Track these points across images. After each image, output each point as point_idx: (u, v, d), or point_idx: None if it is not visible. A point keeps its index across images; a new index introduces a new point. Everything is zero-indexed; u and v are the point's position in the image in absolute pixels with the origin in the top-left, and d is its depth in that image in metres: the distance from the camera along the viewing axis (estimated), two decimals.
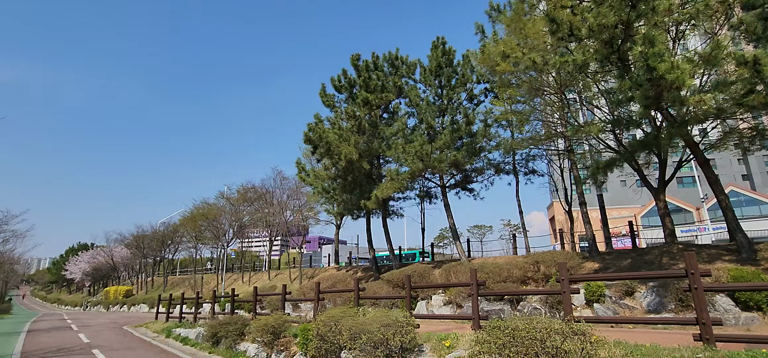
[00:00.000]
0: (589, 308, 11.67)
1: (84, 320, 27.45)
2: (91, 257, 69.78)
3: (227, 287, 35.25)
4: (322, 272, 27.35)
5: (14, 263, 50.92)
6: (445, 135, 17.07)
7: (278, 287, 26.49)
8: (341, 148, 17.72)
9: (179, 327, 17.69)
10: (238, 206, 39.75)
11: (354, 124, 18.54)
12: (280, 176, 35.62)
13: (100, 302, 54.40)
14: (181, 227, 47.95)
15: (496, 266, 14.86)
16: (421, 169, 17.58)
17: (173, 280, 48.62)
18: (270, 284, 29.27)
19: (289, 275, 28.10)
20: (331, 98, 21.36)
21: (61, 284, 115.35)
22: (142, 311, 39.84)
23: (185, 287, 41.94)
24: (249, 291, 28.96)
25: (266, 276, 32.73)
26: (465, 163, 17.82)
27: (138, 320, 26.36)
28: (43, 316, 35.63)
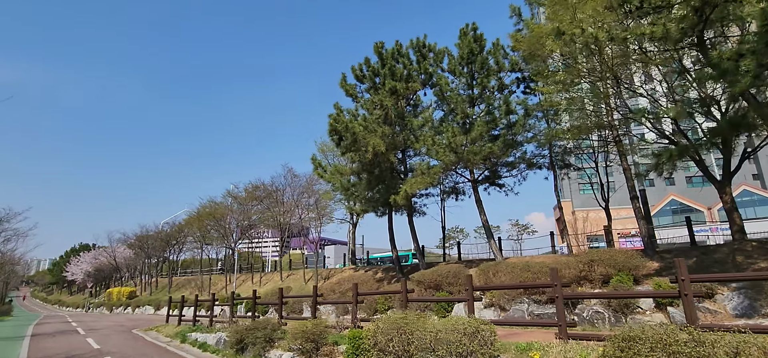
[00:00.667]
0: (661, 312, 10.47)
1: (89, 322, 26.24)
2: (92, 257, 68.55)
3: (237, 288, 34.04)
4: (337, 272, 26.14)
5: (15, 264, 49.59)
6: (479, 125, 15.88)
7: (293, 288, 25.27)
8: (368, 139, 16.53)
9: (194, 331, 16.49)
10: (246, 205, 38.58)
11: (380, 115, 17.34)
12: (290, 174, 34.46)
13: (103, 303, 53.17)
14: (187, 227, 46.72)
15: (543, 265, 13.66)
16: (454, 162, 16.40)
17: (178, 281, 47.39)
18: (283, 285, 28.03)
19: (303, 275, 26.91)
20: (353, 88, 20.17)
21: (61, 285, 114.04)
22: (147, 312, 38.61)
23: (191, 288, 40.72)
24: (261, 292, 27.75)
25: (278, 277, 31.50)
26: (501, 155, 16.64)
27: (146, 322, 25.15)
28: (45, 318, 34.40)
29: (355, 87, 20.26)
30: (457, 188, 20.16)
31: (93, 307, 55.56)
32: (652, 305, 10.68)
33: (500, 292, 13.69)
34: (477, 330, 6.19)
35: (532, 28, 14.34)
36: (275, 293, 23.21)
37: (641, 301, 10.71)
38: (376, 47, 19.79)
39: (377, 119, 17.48)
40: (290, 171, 34.44)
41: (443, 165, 16.26)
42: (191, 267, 60.21)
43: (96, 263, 66.38)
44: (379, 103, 17.25)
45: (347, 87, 20.06)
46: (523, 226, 72.93)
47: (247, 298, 16.96)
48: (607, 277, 12.07)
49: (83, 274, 70.37)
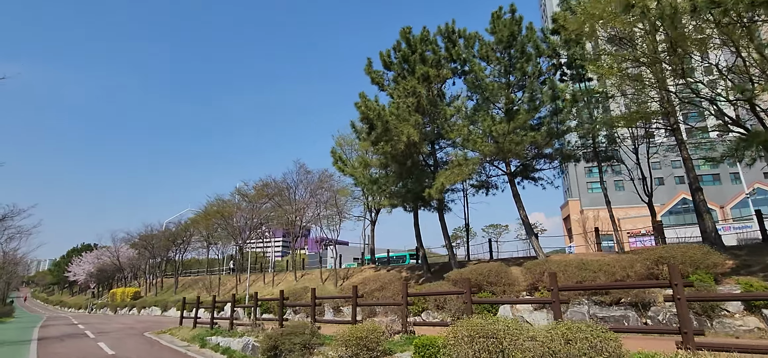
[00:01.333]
0: (754, 315, 9.29)
1: (96, 324, 25.04)
2: (95, 257, 67.32)
3: (246, 288, 32.84)
4: (356, 272, 24.95)
5: (17, 264, 48.39)
6: (523, 113, 14.71)
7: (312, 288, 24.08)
8: (401, 128, 15.37)
9: (214, 335, 15.31)
10: (255, 203, 37.39)
11: (413, 103, 16.16)
12: (303, 170, 33.28)
13: (106, 304, 51.97)
14: (193, 225, 45.51)
15: (601, 264, 12.48)
16: (494, 152, 15.23)
17: (184, 281, 46.18)
18: (299, 285, 26.84)
19: (319, 275, 25.73)
20: (379, 75, 19.01)
21: (62, 285, 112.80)
22: (154, 314, 37.40)
23: (198, 289, 39.52)
24: (275, 293, 26.55)
25: (290, 277, 30.31)
26: (543, 145, 15.48)
27: (156, 324, 23.96)
28: (49, 319, 33.20)
29: (381, 74, 19.10)
30: (488, 181, 18.98)
31: (96, 308, 54.36)
32: (741, 308, 9.52)
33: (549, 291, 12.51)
34: (605, 338, 5.02)
35: (584, 5, 13.15)
36: (297, 292, 22.09)
37: (728, 303, 9.54)
38: (403, 33, 18.65)
39: (408, 108, 16.31)
40: (302, 167, 33.29)
41: (482, 156, 15.08)
42: (194, 267, 58.97)
43: (99, 263, 65.14)
44: (412, 90, 16.07)
45: (373, 74, 18.90)
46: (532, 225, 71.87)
47: (272, 299, 15.78)
48: (682, 275, 10.88)
49: (85, 274, 69.15)
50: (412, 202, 17.49)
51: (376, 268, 24.66)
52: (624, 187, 74.52)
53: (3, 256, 38.23)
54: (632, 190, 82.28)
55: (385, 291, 17.88)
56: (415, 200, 17.47)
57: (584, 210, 71.95)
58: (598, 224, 58.81)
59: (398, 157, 16.21)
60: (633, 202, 76.23)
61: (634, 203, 76.12)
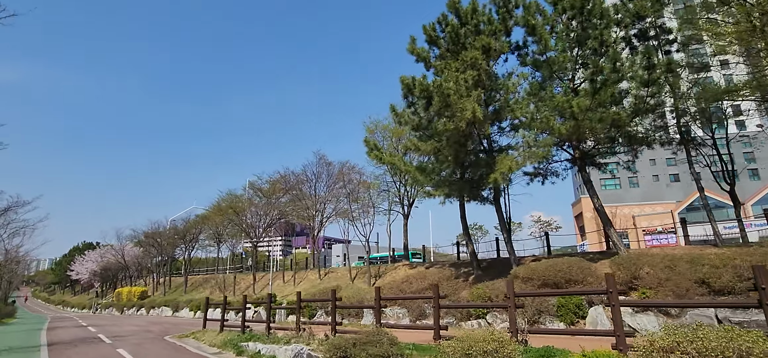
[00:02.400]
0: None
1: (107, 326, 23.09)
2: (99, 256, 65.37)
3: (262, 287, 30.96)
4: (390, 270, 23.01)
5: (19, 262, 46.40)
6: (609, 85, 12.76)
7: (342, 287, 22.12)
8: (463, 104, 13.43)
9: (249, 340, 13.37)
10: (270, 198, 35.48)
11: (471, 77, 14.19)
12: (323, 161, 31.38)
13: (112, 304, 50.03)
14: (203, 222, 43.54)
15: (722, 257, 10.55)
16: (571, 132, 13.28)
17: (193, 280, 44.23)
18: (324, 284, 24.93)
19: (348, 274, 23.81)
20: (424, 52, 17.05)
21: (64, 285, 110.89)
22: (164, 314, 35.45)
23: (210, 288, 37.59)
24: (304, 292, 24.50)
25: (314, 275, 28.39)
26: (625, 124, 13.53)
27: (173, 326, 22.02)
28: (55, 321, 31.26)
29: (426, 51, 17.14)
30: (547, 168, 17.03)
31: (101, 308, 52.45)
32: None
33: (653, 292, 10.60)
34: None
35: None
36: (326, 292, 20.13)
37: None
38: (452, 4, 16.70)
39: (467, 83, 14.36)
40: (322, 158, 31.40)
41: (557, 136, 13.13)
42: (200, 266, 56.79)
43: (102, 261, 63.20)
44: (472, 61, 14.11)
45: (418, 51, 16.94)
46: (545, 221, 69.91)
47: (324, 299, 13.82)
48: None
49: (89, 273, 67.21)
50: (468, 190, 15.55)
51: (411, 265, 22.69)
52: (638, 184, 72.75)
53: (5, 254, 36.23)
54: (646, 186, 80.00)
55: None
56: (471, 188, 15.54)
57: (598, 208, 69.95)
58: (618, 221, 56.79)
59: (457, 139, 14.25)
60: (647, 199, 74.33)
61: (648, 199, 74.21)
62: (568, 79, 15.16)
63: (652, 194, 69.50)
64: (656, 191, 70.33)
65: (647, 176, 71.68)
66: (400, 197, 24.20)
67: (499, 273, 17.24)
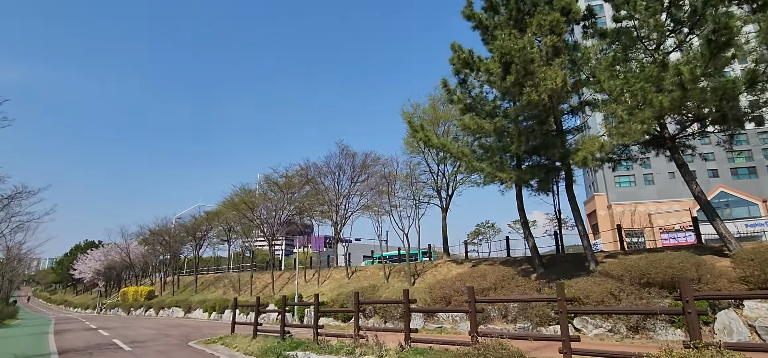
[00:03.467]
0: None
1: (119, 329, 21.10)
2: (103, 254, 63.42)
3: (280, 287, 28.96)
4: (430, 268, 20.99)
5: (21, 260, 44.34)
6: (724, 49, 10.75)
7: (378, 287, 20.12)
8: (546, 74, 11.44)
9: (296, 348, 11.39)
10: (286, 192, 33.44)
11: (550, 43, 12.19)
12: (346, 152, 29.38)
13: (117, 304, 48.05)
14: (214, 218, 41.51)
15: None
16: (676, 104, 11.27)
17: (204, 279, 42.22)
18: (353, 284, 22.93)
19: (384, 272, 21.79)
20: (485, 19, 15.05)
21: (65, 284, 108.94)
22: (176, 315, 33.48)
23: (223, 288, 35.58)
24: (323, 292, 22.60)
25: (339, 274, 26.39)
26: (738, 94, 11.53)
27: (192, 330, 20.01)
28: (60, 322, 29.29)
29: (487, 18, 15.14)
30: (626, 152, 15.01)
31: (106, 308, 50.49)
32: None
33: None
34: None
35: None
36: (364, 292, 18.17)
37: None
38: None
39: (545, 50, 12.37)
40: (345, 149, 29.40)
41: (658, 110, 11.14)
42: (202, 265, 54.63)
43: (106, 260, 61.26)
44: (551, 25, 12.10)
45: (478, 16, 14.93)
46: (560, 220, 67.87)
47: (396, 301, 11.79)
48: None
49: (92, 272, 65.23)
50: (542, 175, 13.54)
51: (457, 262, 20.67)
52: (653, 181, 70.77)
53: (7, 251, 34.19)
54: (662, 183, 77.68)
55: (504, 290, 13.97)
56: (546, 173, 13.54)
57: (612, 205, 68.20)
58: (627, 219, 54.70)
59: (536, 114, 12.28)
60: (663, 196, 72.18)
61: (664, 197, 72.05)
62: (653, 47, 13.18)
63: (669, 192, 67.59)
64: (673, 189, 68.46)
65: (663, 173, 69.84)
66: (437, 187, 22.22)
67: (564, 271, 15.26)
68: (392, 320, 16.75)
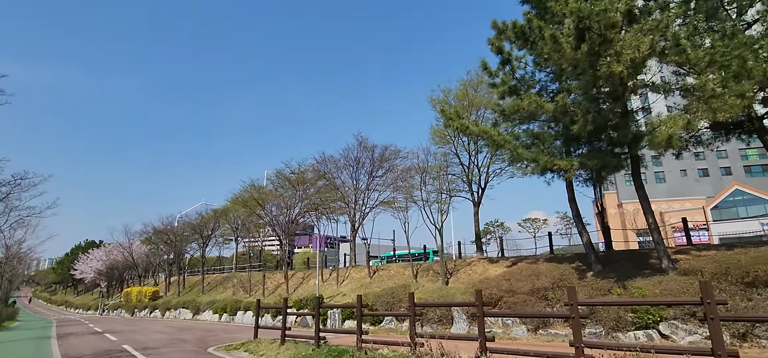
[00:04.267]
0: None
1: (127, 333, 19.53)
2: (105, 254, 61.82)
3: (294, 287, 27.40)
4: (463, 266, 19.43)
5: (21, 260, 42.63)
6: None
7: (409, 286, 18.55)
8: (626, 41, 9.89)
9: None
10: (298, 188, 31.88)
11: (624, 7, 10.63)
12: (363, 146, 27.81)
13: (120, 305, 46.47)
14: (221, 215, 39.97)
15: None
16: None
17: (211, 279, 40.62)
18: (377, 285, 21.39)
19: (412, 271, 20.19)
20: None
21: (65, 284, 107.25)
22: (184, 317, 31.92)
23: (232, 288, 33.99)
24: (343, 292, 21.05)
25: (359, 273, 24.83)
26: None
27: (205, 333, 18.43)
28: (62, 324, 27.73)
29: None
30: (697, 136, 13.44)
31: (108, 309, 48.90)
32: None
33: None
34: None
35: None
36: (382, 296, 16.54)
37: None
38: None
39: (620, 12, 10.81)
40: (363, 142, 27.82)
41: (761, 78, 9.59)
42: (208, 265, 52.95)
43: (108, 260, 59.64)
44: None
45: None
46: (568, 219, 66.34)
47: (467, 303, 10.25)
48: None
49: (93, 272, 63.62)
50: (613, 159, 11.95)
51: (490, 260, 19.10)
52: (665, 179, 69.17)
53: (6, 249, 32.52)
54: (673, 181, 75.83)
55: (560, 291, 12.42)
56: (613, 158, 11.97)
57: (623, 203, 66.74)
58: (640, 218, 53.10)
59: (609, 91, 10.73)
60: (674, 194, 70.47)
61: (675, 195, 70.35)
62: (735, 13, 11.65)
63: (680, 190, 66.21)
64: (684, 187, 67.03)
65: (674, 171, 68.39)
66: (468, 179, 20.62)
67: (624, 269, 13.72)
68: (429, 324, 15.19)
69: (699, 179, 67.45)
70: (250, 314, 24.85)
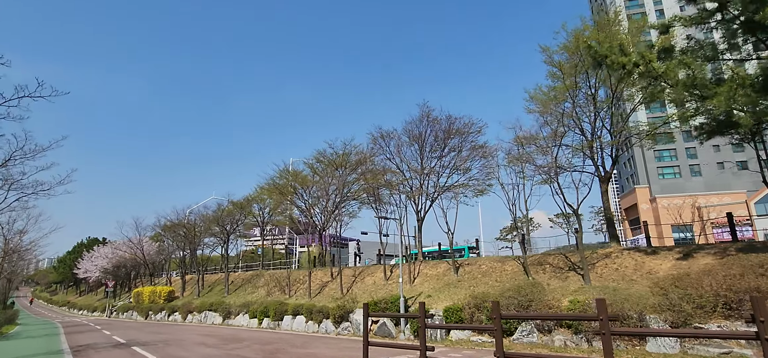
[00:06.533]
0: None
1: (159, 345, 15.02)
2: (111, 251, 57.29)
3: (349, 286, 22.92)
4: (601, 259, 14.99)
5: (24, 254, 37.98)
6: None
7: (530, 287, 14.05)
8: None
9: None
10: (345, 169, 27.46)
11: None
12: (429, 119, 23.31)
13: (131, 306, 41.87)
14: (247, 205, 35.39)
15: None
16: None
17: (234, 278, 36.10)
18: (473, 285, 16.95)
19: (520, 265, 15.70)
20: None
21: (67, 284, 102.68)
22: (210, 321, 27.39)
23: (265, 287, 29.46)
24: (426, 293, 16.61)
25: (437, 270, 20.37)
26: None
27: (260, 343, 13.93)
28: (71, 332, 23.24)
29: None
30: None
31: (117, 312, 44.35)
32: None
33: None
34: None
35: None
36: (522, 290, 12.04)
37: None
38: None
39: None
40: (428, 114, 23.30)
41: None
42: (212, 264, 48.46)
43: (115, 257, 55.07)
44: None
45: None
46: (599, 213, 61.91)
47: None
48: None
49: (99, 271, 59.08)
50: None
51: (645, 250, 14.61)
52: (700, 172, 64.73)
53: (5, 243, 27.88)
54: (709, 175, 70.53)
55: None
56: None
57: (656, 198, 62.41)
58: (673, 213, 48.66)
59: None
60: (711, 188, 65.63)
61: (712, 189, 65.50)
62: None
63: (717, 183, 61.86)
64: (721, 180, 62.64)
65: (711, 163, 64.02)
66: (591, 149, 15.97)
67: None
68: (585, 334, 10.72)
69: (737, 171, 63.25)
70: (301, 319, 20.41)
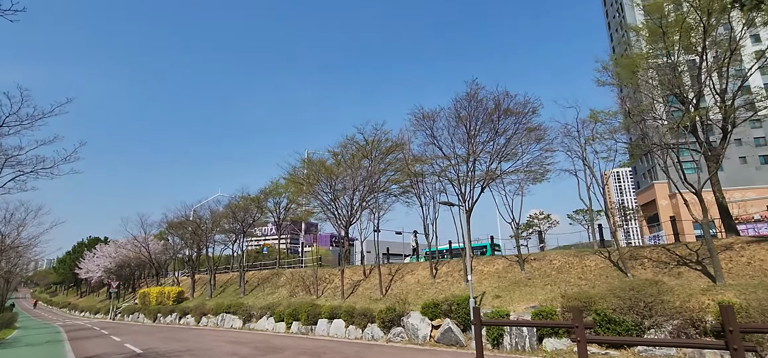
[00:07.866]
0: None
1: (185, 355, 12.42)
2: (114, 250, 54.64)
3: (388, 285, 20.28)
4: (721, 251, 12.47)
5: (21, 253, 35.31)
6: None
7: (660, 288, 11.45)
8: None
9: None
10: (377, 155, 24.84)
11: None
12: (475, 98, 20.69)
13: (136, 308, 39.19)
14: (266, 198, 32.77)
15: None
16: None
17: (249, 277, 33.45)
18: (548, 284, 14.39)
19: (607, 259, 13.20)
20: None
21: (67, 285, 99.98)
22: (230, 325, 24.74)
23: (282, 286, 26.87)
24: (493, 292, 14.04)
25: (493, 267, 17.80)
26: None
27: (295, 352, 11.34)
28: (77, 338, 20.63)
29: None
30: None
31: (122, 313, 41.70)
32: None
33: None
34: None
35: None
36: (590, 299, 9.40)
37: None
38: None
39: None
40: (476, 93, 20.67)
41: None
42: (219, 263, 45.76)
43: (118, 256, 52.44)
44: None
45: None
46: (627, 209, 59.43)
47: None
48: None
49: (101, 271, 56.43)
50: None
51: None
52: (722, 166, 62.39)
53: (1, 239, 25.27)
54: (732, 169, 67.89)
55: None
56: None
57: (675, 194, 59.73)
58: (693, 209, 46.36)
59: None
60: (735, 183, 63.01)
61: (736, 184, 62.89)
62: None
63: (740, 178, 59.41)
64: (744, 175, 60.20)
65: (733, 158, 61.57)
66: (697, 122, 13.34)
67: None
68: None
69: (760, 166, 60.95)
70: (340, 323, 17.84)
